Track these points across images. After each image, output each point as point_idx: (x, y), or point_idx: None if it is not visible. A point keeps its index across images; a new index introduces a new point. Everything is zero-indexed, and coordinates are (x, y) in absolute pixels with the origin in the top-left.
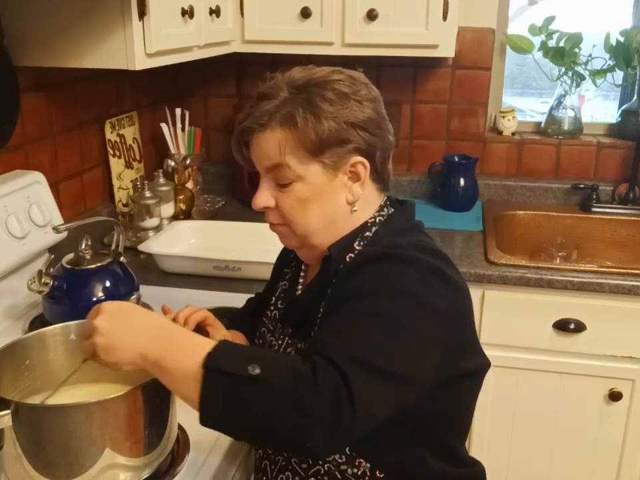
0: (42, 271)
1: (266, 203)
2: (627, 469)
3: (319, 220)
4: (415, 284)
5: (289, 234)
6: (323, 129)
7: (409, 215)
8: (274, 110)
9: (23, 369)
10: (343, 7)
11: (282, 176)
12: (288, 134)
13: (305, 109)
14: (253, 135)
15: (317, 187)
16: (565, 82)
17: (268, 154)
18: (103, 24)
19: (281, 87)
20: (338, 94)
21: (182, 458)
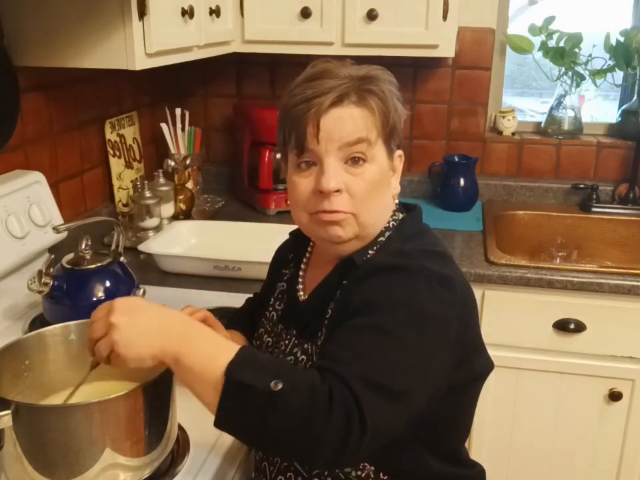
0: (42, 270)
1: (340, 185)
2: (627, 469)
3: (383, 208)
4: (423, 296)
5: (351, 223)
6: (392, 116)
7: (418, 219)
8: (346, 88)
9: (22, 369)
10: (342, 7)
11: (358, 153)
12: (366, 112)
13: (373, 93)
14: (329, 110)
15: (383, 170)
16: (565, 82)
17: (352, 128)
18: (103, 24)
19: (336, 71)
20: (392, 89)
21: (182, 458)
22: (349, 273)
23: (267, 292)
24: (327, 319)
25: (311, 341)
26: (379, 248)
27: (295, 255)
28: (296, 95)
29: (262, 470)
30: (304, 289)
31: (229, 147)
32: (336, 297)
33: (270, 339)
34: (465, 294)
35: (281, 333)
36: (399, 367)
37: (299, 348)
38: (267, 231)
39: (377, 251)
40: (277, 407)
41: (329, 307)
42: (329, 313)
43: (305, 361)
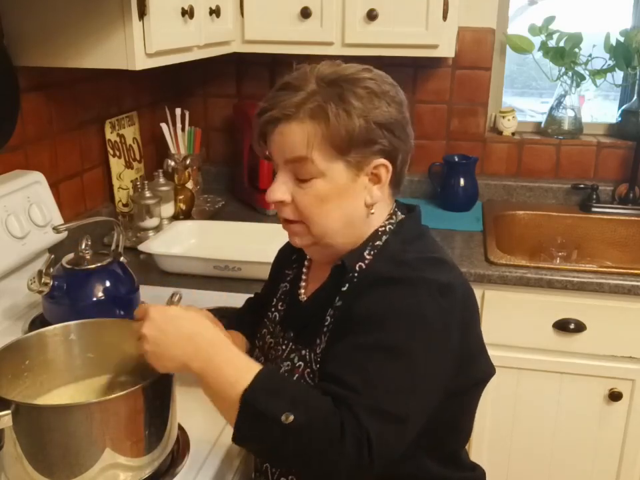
0: (42, 270)
1: (282, 197)
2: (627, 469)
3: (337, 220)
4: (425, 309)
5: (304, 232)
6: (354, 127)
7: (417, 222)
8: (302, 101)
9: (22, 369)
10: (342, 7)
11: (303, 170)
12: (317, 128)
13: (337, 104)
14: (277, 125)
15: (338, 185)
16: (565, 82)
17: (292, 146)
18: (103, 24)
19: (309, 79)
20: (369, 92)
21: (182, 458)
22: (345, 278)
23: (269, 292)
24: (326, 327)
25: (309, 348)
26: (377, 253)
27: (298, 255)
28: (262, 103)
29: (263, 471)
30: (305, 291)
31: (229, 146)
32: (335, 303)
33: (272, 340)
34: (466, 296)
35: (279, 334)
36: (406, 390)
37: (296, 354)
38: (266, 231)
39: (375, 256)
40: (289, 438)
41: (327, 313)
42: (327, 320)
43: (303, 368)
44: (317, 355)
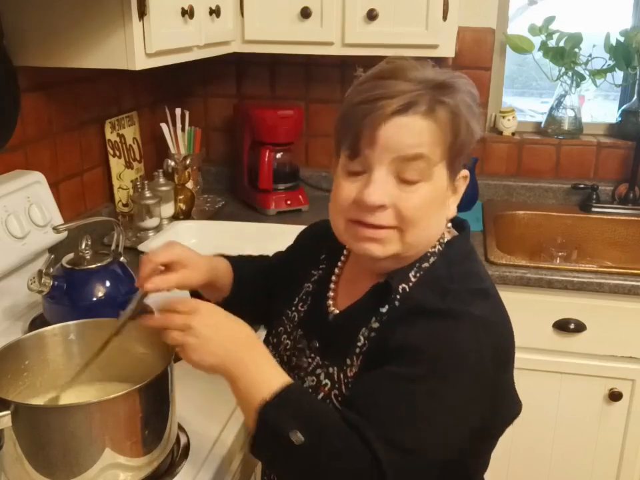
0: (42, 270)
1: (384, 200)
2: (627, 469)
3: (434, 230)
4: (465, 347)
5: (394, 240)
6: (469, 135)
7: (466, 243)
8: (420, 95)
9: (22, 370)
10: (342, 7)
11: (414, 171)
12: (442, 127)
13: (465, 104)
14: (394, 116)
15: (440, 192)
16: (565, 82)
17: (413, 141)
18: (103, 24)
19: (411, 75)
20: (471, 100)
21: (182, 458)
22: (386, 298)
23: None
24: (359, 347)
25: (337, 366)
26: (423, 276)
27: (328, 256)
28: (362, 91)
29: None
30: (334, 300)
31: (229, 146)
32: (371, 323)
33: (289, 342)
34: (507, 334)
35: (300, 340)
36: (434, 431)
37: (322, 370)
38: (266, 231)
39: (420, 279)
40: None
41: (360, 332)
42: (360, 341)
43: (329, 387)
44: (346, 377)
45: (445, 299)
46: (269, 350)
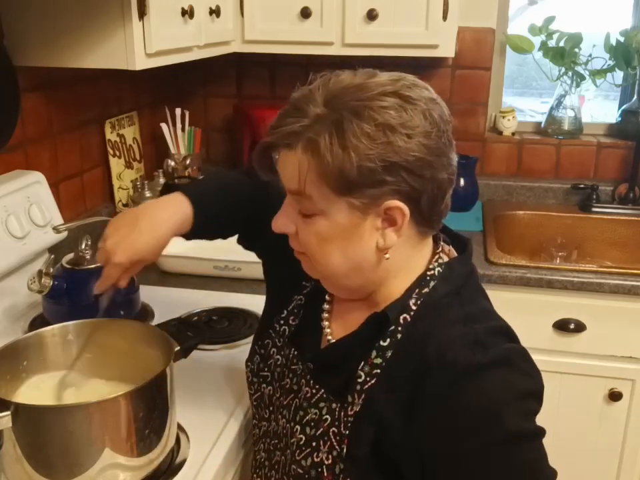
0: (42, 270)
1: (284, 229)
2: (627, 469)
3: (340, 263)
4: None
5: (311, 266)
6: (351, 168)
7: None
8: (301, 130)
9: (20, 370)
10: (342, 7)
11: (304, 205)
12: (311, 162)
13: (332, 137)
14: (278, 151)
15: (342, 227)
16: (565, 82)
17: (289, 177)
18: (103, 24)
19: (316, 98)
20: (380, 126)
21: (182, 458)
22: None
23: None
24: (359, 384)
25: (339, 403)
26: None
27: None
28: (272, 122)
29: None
30: (329, 319)
31: (229, 146)
32: (371, 358)
33: (279, 358)
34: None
35: (293, 360)
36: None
37: (325, 404)
38: None
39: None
40: None
41: (359, 367)
42: (361, 377)
43: (329, 424)
44: (347, 416)
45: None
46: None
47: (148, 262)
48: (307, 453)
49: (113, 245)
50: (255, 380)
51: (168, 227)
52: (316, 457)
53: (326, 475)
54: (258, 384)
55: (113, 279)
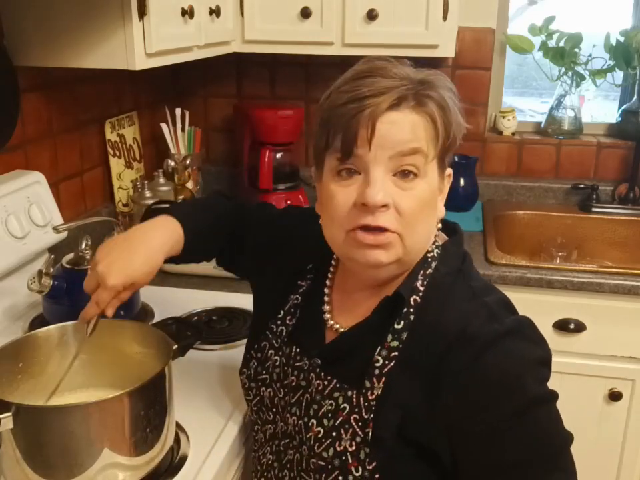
0: (42, 270)
1: (388, 199)
2: (627, 469)
3: (430, 231)
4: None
5: (396, 245)
6: (457, 128)
7: (461, 246)
8: (411, 89)
9: (16, 372)
10: (342, 7)
11: (411, 167)
12: (437, 120)
13: (451, 98)
14: (387, 112)
15: (433, 190)
16: (565, 82)
17: (408, 136)
18: (103, 24)
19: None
20: (453, 96)
21: (182, 458)
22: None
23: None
24: (377, 368)
25: (357, 390)
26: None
27: (315, 267)
28: (346, 92)
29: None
30: (331, 313)
31: (229, 146)
32: (387, 341)
33: (278, 358)
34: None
35: (296, 357)
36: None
37: (341, 394)
38: None
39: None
40: None
41: (376, 351)
42: (379, 361)
43: (348, 412)
44: (367, 401)
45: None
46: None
47: (139, 287)
48: (328, 443)
49: (105, 268)
50: (253, 385)
51: (161, 248)
52: (338, 446)
53: (351, 462)
54: (256, 388)
55: (103, 304)
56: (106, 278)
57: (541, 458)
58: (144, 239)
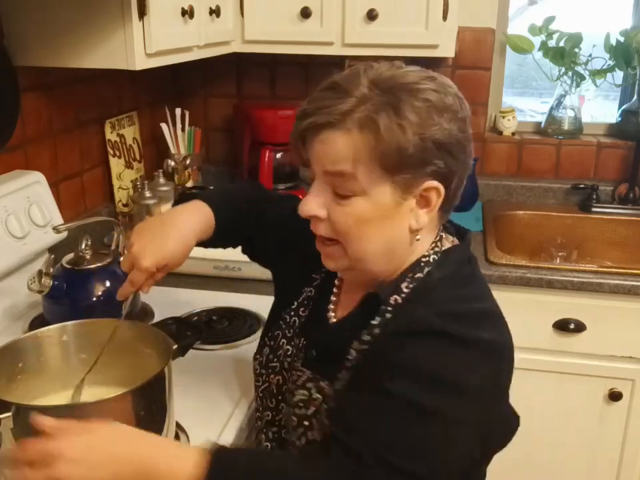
0: (42, 270)
1: (316, 212)
2: (627, 469)
3: (377, 244)
4: (472, 376)
5: (340, 255)
6: (407, 146)
7: (464, 254)
8: (351, 109)
9: (16, 372)
10: (342, 7)
11: (344, 186)
12: (366, 142)
13: (391, 116)
14: (319, 132)
15: (381, 207)
16: (565, 82)
17: (334, 157)
18: (103, 24)
19: (361, 81)
20: (429, 106)
21: None
22: (376, 310)
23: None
24: (349, 361)
25: (329, 380)
26: (417, 288)
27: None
28: (305, 104)
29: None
30: (335, 310)
31: (229, 146)
32: (362, 336)
33: (290, 348)
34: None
35: (301, 349)
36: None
37: (313, 384)
38: None
39: (416, 291)
40: None
41: (351, 345)
42: (351, 354)
43: (320, 402)
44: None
45: (447, 320)
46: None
47: (173, 268)
48: (301, 432)
49: (140, 250)
50: (264, 372)
51: (194, 231)
52: (310, 435)
53: None
54: (266, 375)
55: (138, 284)
56: (140, 259)
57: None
58: (176, 221)
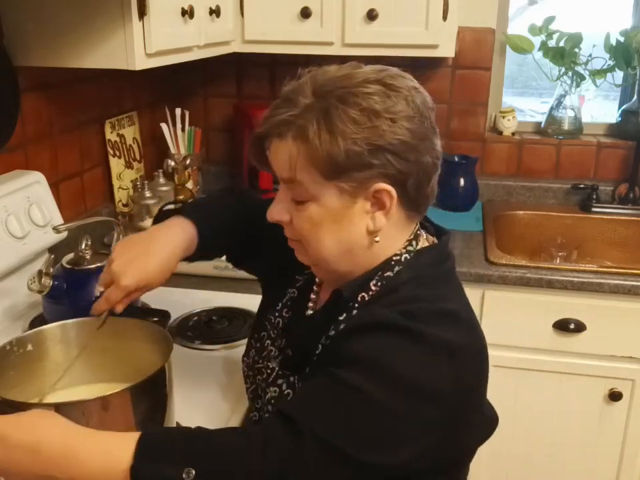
0: (42, 270)
1: (279, 217)
2: (627, 469)
3: (333, 247)
4: (422, 373)
5: (304, 253)
6: (338, 152)
7: (439, 255)
8: (291, 119)
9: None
10: (342, 7)
11: (297, 192)
12: (299, 149)
13: (319, 124)
14: (270, 142)
15: (332, 211)
16: (565, 82)
17: (280, 166)
18: (103, 24)
19: (305, 90)
20: (365, 111)
21: None
22: (342, 307)
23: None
24: (316, 355)
25: (297, 374)
26: (384, 286)
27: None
28: (261, 120)
29: None
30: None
31: (229, 146)
32: (329, 331)
33: (274, 349)
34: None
35: (282, 349)
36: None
37: (283, 380)
38: None
39: (381, 289)
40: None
41: (320, 340)
42: (319, 349)
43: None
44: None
45: (405, 317)
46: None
47: (152, 288)
48: None
49: (121, 267)
50: (251, 373)
51: (177, 251)
52: None
53: None
54: (253, 377)
55: (113, 302)
56: (120, 277)
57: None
58: (159, 241)
